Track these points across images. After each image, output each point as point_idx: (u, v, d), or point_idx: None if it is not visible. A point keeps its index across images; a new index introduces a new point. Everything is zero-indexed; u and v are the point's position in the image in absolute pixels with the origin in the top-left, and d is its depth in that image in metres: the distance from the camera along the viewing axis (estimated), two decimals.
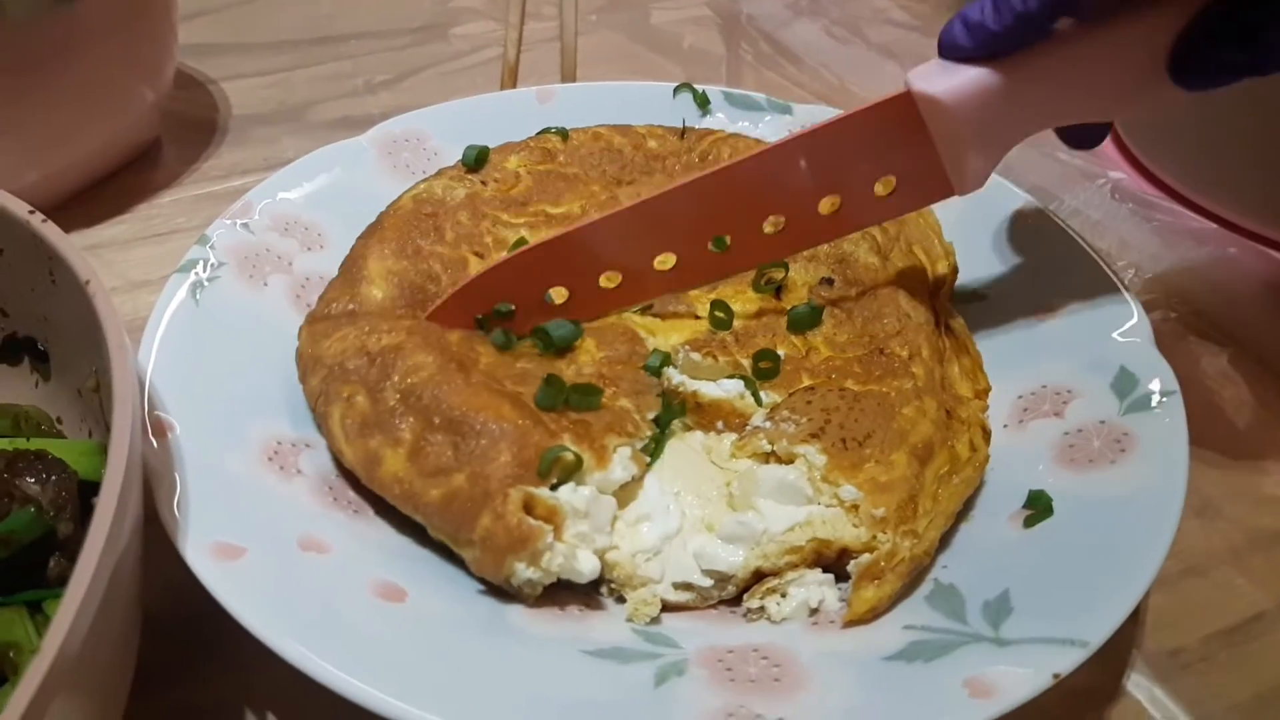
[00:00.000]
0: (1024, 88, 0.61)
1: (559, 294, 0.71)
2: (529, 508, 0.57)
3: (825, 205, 0.69)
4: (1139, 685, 0.63)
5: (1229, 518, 0.73)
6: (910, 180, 0.67)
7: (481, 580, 0.59)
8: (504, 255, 0.72)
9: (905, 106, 0.63)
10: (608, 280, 0.71)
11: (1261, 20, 0.55)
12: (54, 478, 0.59)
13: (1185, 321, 0.87)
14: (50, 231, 0.58)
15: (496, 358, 0.66)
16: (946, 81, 0.61)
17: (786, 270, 0.73)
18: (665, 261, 0.70)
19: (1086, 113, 0.66)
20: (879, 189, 0.68)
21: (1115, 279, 0.73)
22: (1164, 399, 0.65)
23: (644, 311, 0.72)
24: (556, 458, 0.58)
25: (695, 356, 0.67)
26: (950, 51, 0.61)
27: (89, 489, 0.62)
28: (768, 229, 0.69)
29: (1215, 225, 0.95)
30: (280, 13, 1.27)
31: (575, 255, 0.69)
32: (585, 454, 0.59)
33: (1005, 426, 0.68)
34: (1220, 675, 0.64)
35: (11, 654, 0.53)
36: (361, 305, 0.69)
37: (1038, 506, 0.61)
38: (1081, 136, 0.69)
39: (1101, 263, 0.75)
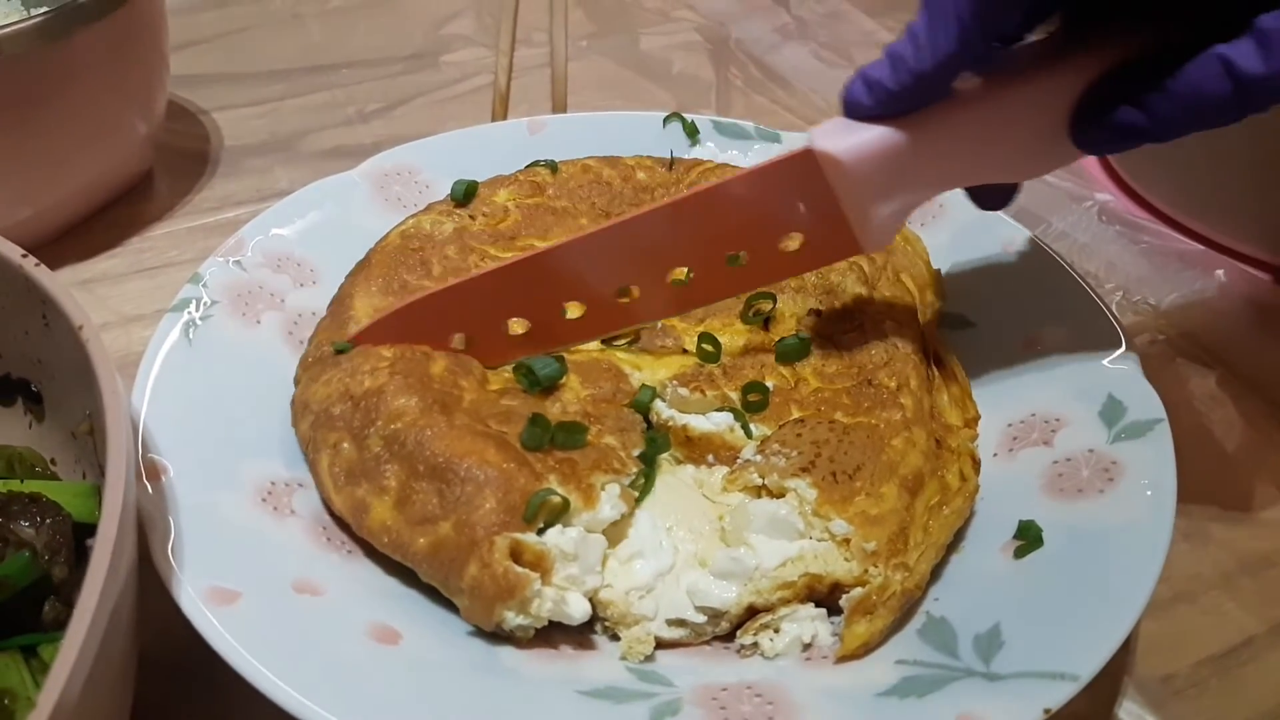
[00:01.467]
0: (926, 147, 0.60)
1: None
2: (516, 554, 0.57)
3: (730, 260, 0.68)
4: (1130, 713, 0.63)
5: (1218, 541, 0.74)
6: (817, 236, 0.66)
7: None
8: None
9: (808, 164, 0.62)
10: (517, 325, 0.70)
11: (1155, 88, 0.55)
12: (49, 521, 0.59)
13: (1173, 344, 0.88)
14: (43, 275, 0.58)
15: (480, 394, 0.67)
16: (847, 140, 0.60)
17: (774, 302, 0.74)
18: (573, 309, 0.70)
19: (991, 173, 0.65)
20: (787, 244, 0.67)
21: (1103, 306, 0.74)
22: (1151, 428, 0.65)
23: (630, 346, 0.73)
24: (543, 501, 0.58)
25: (683, 391, 0.67)
26: (852, 110, 0.61)
27: (83, 531, 0.62)
28: (672, 279, 0.69)
29: (1202, 247, 0.96)
30: (271, 42, 1.28)
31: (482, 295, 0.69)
32: (572, 494, 0.59)
33: (995, 455, 0.68)
34: (1212, 701, 0.64)
35: (6, 700, 0.53)
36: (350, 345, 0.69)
37: (1027, 537, 0.61)
38: (989, 197, 0.69)
39: (1089, 289, 0.75)
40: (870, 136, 0.60)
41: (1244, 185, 0.92)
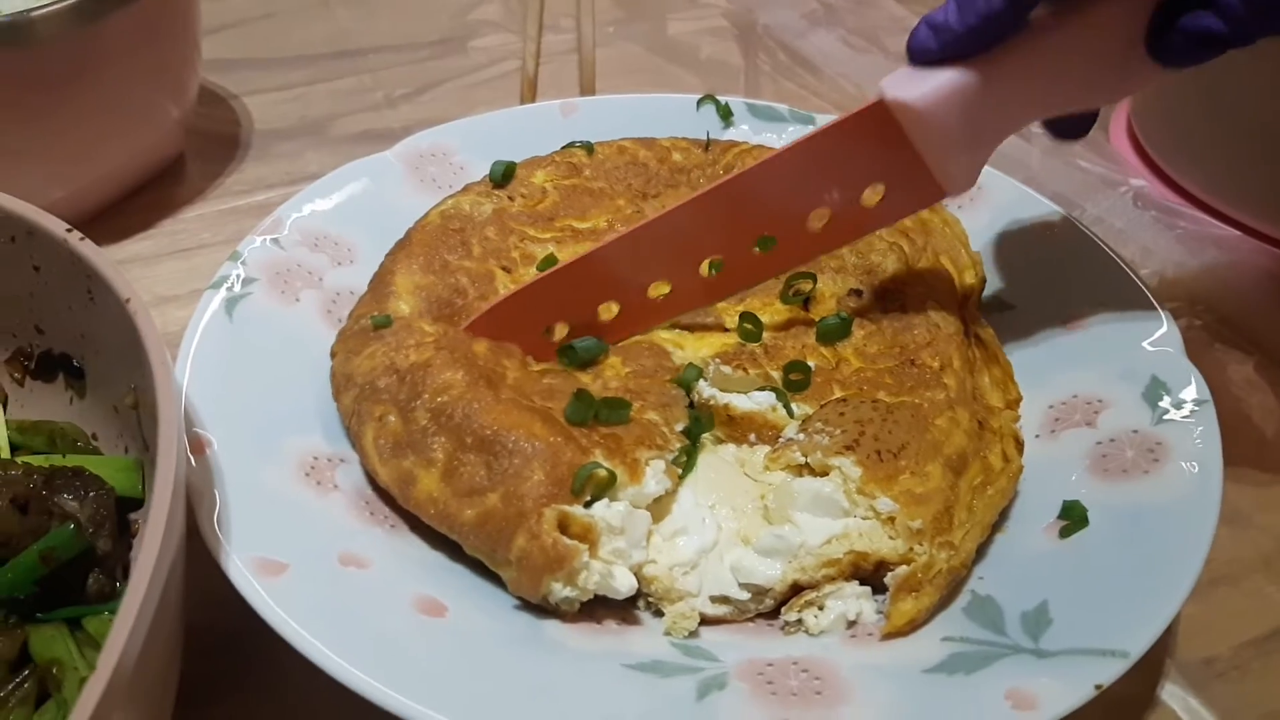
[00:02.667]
0: (999, 85, 0.61)
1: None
2: (564, 526, 0.57)
3: (815, 220, 0.69)
4: (1173, 695, 0.63)
5: (1259, 526, 0.73)
6: (898, 187, 0.66)
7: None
8: (535, 274, 0.73)
9: (881, 115, 0.62)
10: (606, 311, 0.71)
11: None
12: (92, 494, 0.59)
13: (1210, 329, 0.87)
14: (88, 250, 0.58)
15: (523, 372, 0.67)
16: (918, 87, 0.61)
17: (815, 282, 0.73)
18: (659, 289, 0.71)
19: (1067, 103, 0.65)
20: (868, 198, 0.67)
21: (1143, 288, 0.73)
22: (1196, 408, 0.65)
23: (671, 325, 0.72)
24: (590, 474, 0.58)
25: (726, 369, 0.67)
26: (919, 57, 0.61)
27: (126, 505, 0.62)
28: (757, 249, 0.69)
29: (1239, 232, 0.95)
30: (299, 27, 1.28)
31: (591, 278, 0.70)
32: (618, 469, 0.59)
33: (1037, 436, 0.68)
34: (1254, 684, 0.64)
35: (54, 670, 0.54)
36: (391, 315, 0.69)
37: (1073, 517, 0.61)
38: (1067, 127, 0.68)
39: (1129, 271, 0.75)
40: (942, 80, 0.60)
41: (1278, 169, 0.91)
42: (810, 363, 0.68)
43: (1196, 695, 0.63)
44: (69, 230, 0.59)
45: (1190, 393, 0.66)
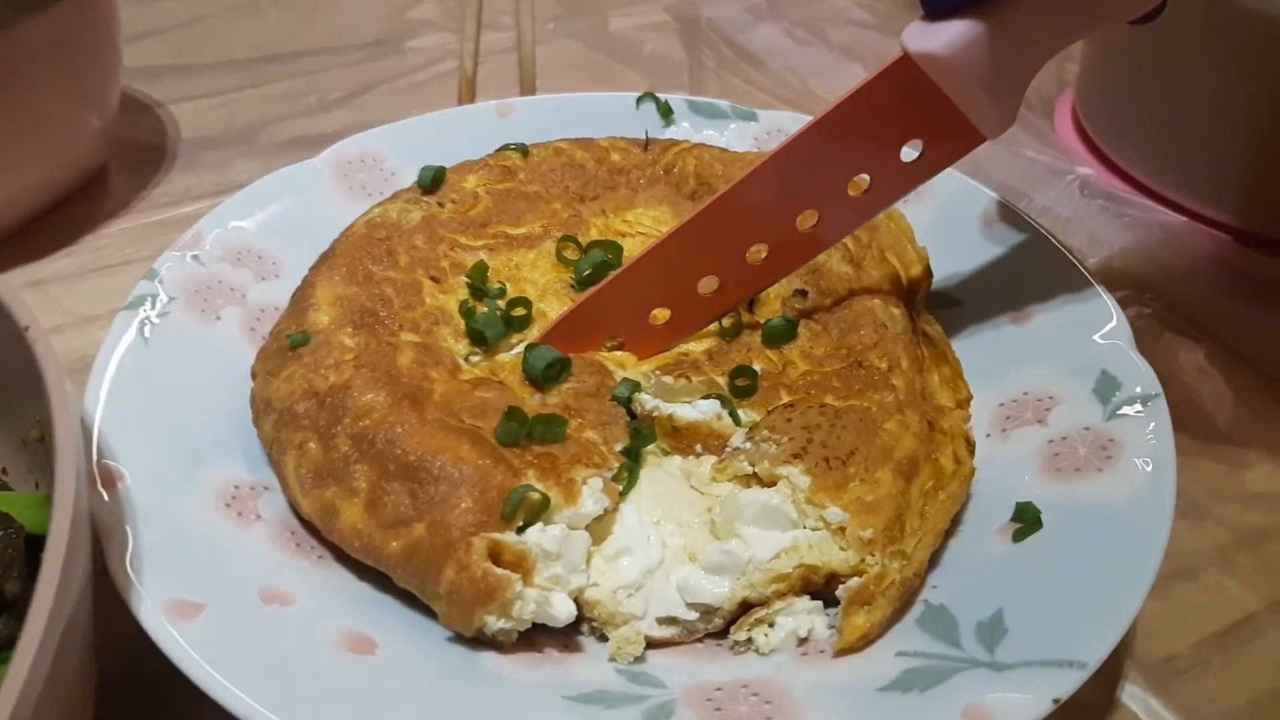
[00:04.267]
0: (1018, 20, 0.60)
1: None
2: (495, 555, 0.54)
3: (854, 188, 0.67)
4: (1134, 696, 0.62)
5: (1215, 517, 0.72)
6: (937, 139, 0.65)
7: None
8: (465, 283, 0.71)
9: (907, 70, 0.62)
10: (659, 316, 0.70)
11: None
12: (0, 534, 0.56)
13: (1160, 318, 0.86)
14: None
15: (452, 385, 0.64)
16: (941, 37, 0.60)
17: None
18: (709, 284, 0.69)
19: (1092, 21, 0.64)
20: (907, 155, 0.66)
21: (1091, 280, 0.72)
22: (1148, 403, 0.63)
23: (613, 349, 0.70)
24: (522, 499, 0.55)
25: (667, 379, 0.64)
26: (934, 7, 0.60)
27: (38, 543, 0.59)
28: (802, 226, 0.68)
29: (1186, 219, 0.95)
30: (227, 31, 1.24)
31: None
32: (552, 490, 0.57)
33: (988, 436, 0.66)
34: (1214, 681, 0.63)
35: None
36: (308, 331, 0.66)
37: (1026, 519, 0.59)
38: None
39: (1077, 263, 0.73)
40: (963, 28, 0.59)
41: (1224, 157, 0.91)
42: (756, 367, 0.66)
43: (1157, 696, 0.62)
44: None
45: (1141, 387, 0.65)
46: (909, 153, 0.66)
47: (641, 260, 0.69)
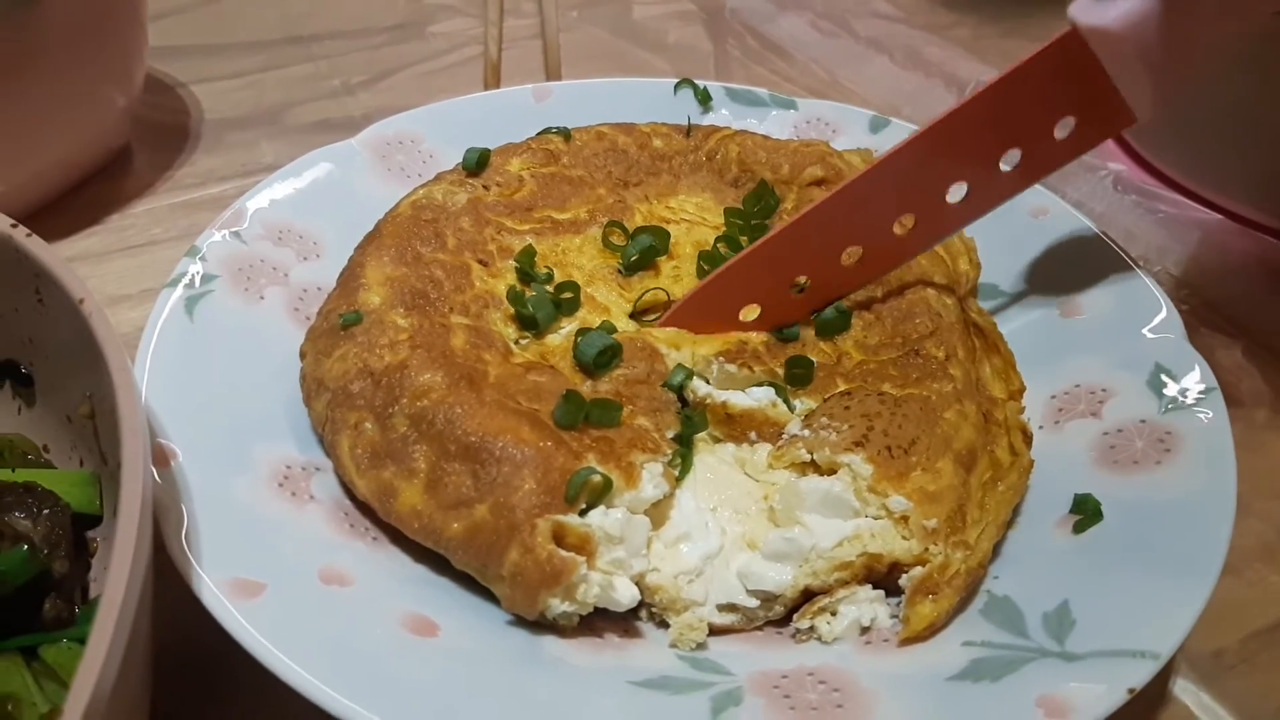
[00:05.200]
0: (1195, 2, 0.60)
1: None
2: (559, 537, 0.54)
3: (1006, 162, 0.67)
4: (1185, 690, 0.61)
5: (1257, 514, 0.72)
6: (1089, 118, 0.65)
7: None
8: (513, 266, 0.70)
9: (1073, 45, 0.62)
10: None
11: None
12: (46, 512, 0.55)
13: (1197, 314, 0.86)
14: (36, 246, 0.54)
15: (505, 368, 0.63)
16: (1112, 11, 0.60)
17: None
18: (852, 255, 0.69)
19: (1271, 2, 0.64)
20: (1058, 133, 0.66)
21: (1141, 272, 0.72)
22: (1203, 395, 0.63)
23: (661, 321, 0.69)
24: (585, 481, 0.54)
25: (730, 368, 0.64)
26: None
27: (82, 522, 0.58)
28: (950, 199, 0.68)
29: (1220, 216, 0.94)
30: (250, 11, 1.22)
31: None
32: (613, 474, 0.56)
33: (1040, 428, 0.66)
34: (1263, 676, 0.63)
35: (9, 706, 0.49)
36: (360, 311, 0.65)
37: (1086, 511, 0.59)
38: None
39: (1125, 256, 0.73)
40: (1136, 3, 0.59)
41: (1256, 155, 0.91)
42: (812, 358, 0.65)
43: (1208, 689, 0.61)
44: (14, 226, 0.54)
45: (1195, 379, 0.64)
46: (1062, 130, 0.66)
47: (789, 227, 0.68)
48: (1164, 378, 0.65)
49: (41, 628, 0.52)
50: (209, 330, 0.64)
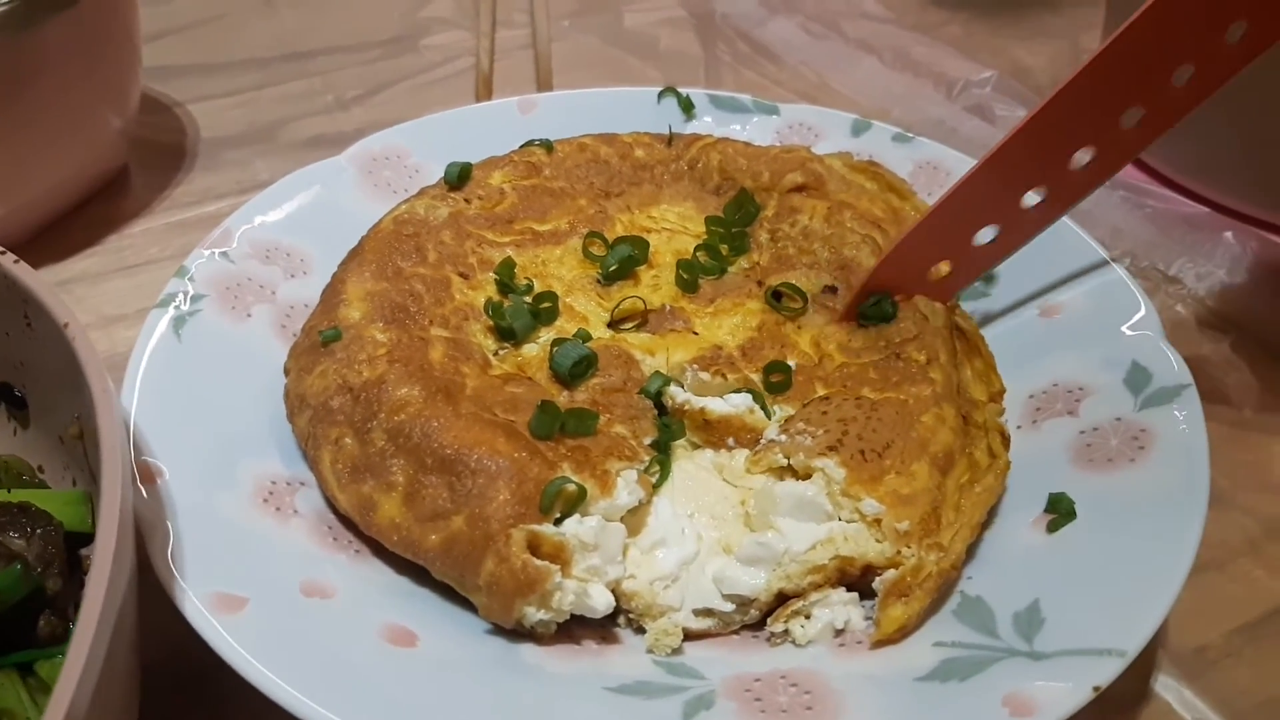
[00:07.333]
0: None
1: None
2: (534, 546, 0.55)
3: (1177, 78, 0.65)
4: (1167, 686, 0.62)
5: (1241, 507, 0.72)
6: (1260, 19, 0.62)
7: None
8: (493, 279, 0.71)
9: None
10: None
11: None
12: (39, 531, 0.56)
13: (1185, 308, 0.86)
14: (24, 273, 0.55)
15: (483, 380, 0.64)
16: None
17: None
18: (1038, 193, 0.69)
19: None
20: (1230, 36, 0.63)
21: (1119, 271, 0.72)
22: (1179, 393, 0.63)
23: (638, 329, 0.70)
24: (559, 490, 0.55)
25: (704, 375, 0.65)
26: None
27: (76, 540, 0.59)
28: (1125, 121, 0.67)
29: (1208, 209, 0.94)
30: (244, 30, 1.24)
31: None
32: (588, 482, 0.57)
33: (1018, 427, 0.66)
34: (1247, 671, 0.63)
35: None
36: (340, 327, 0.66)
37: (1059, 510, 0.59)
38: None
39: (1104, 254, 0.73)
40: None
41: (1245, 147, 0.90)
42: (791, 361, 0.66)
43: (1190, 686, 0.62)
44: (2, 253, 0.56)
45: (1172, 377, 0.64)
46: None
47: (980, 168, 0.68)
48: (1141, 376, 0.65)
49: (36, 644, 0.53)
50: (197, 350, 0.66)
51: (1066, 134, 0.68)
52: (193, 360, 0.65)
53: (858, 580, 0.58)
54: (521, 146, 0.83)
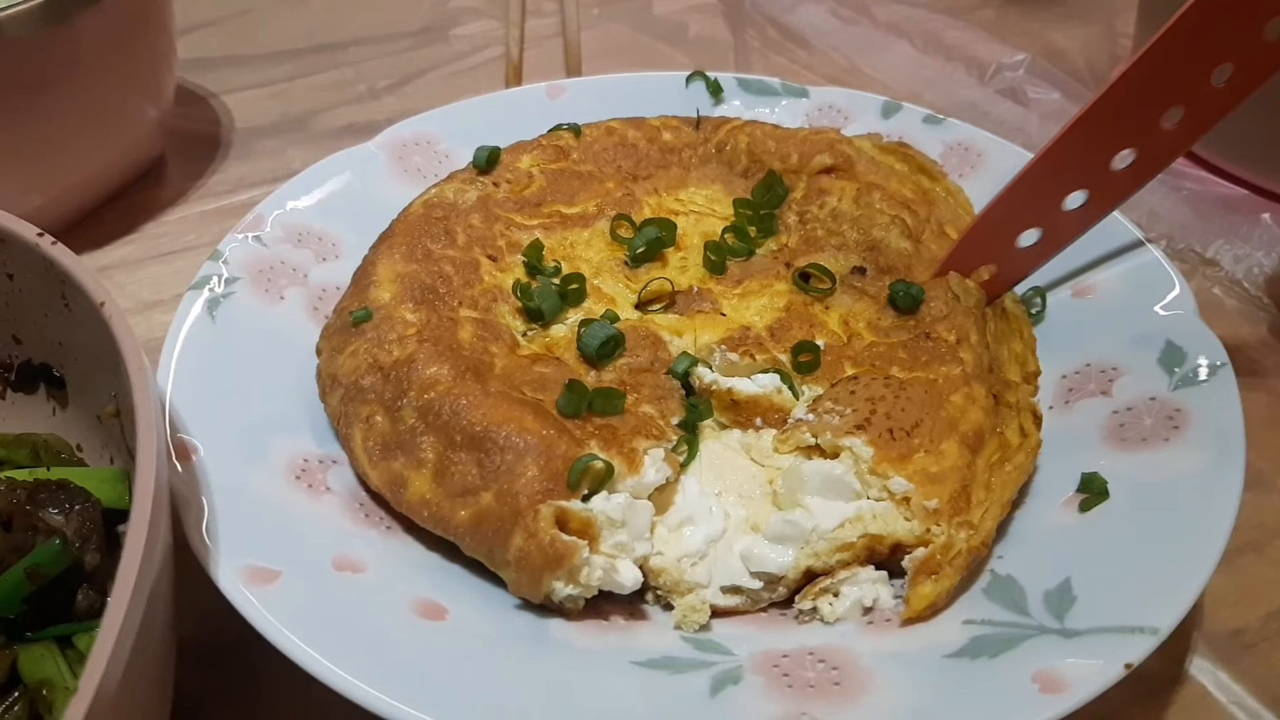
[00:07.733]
0: None
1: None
2: (562, 523, 0.55)
3: (1217, 77, 0.65)
4: (1202, 669, 0.61)
5: None
6: None
7: None
8: (521, 261, 0.71)
9: None
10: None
11: None
12: (77, 507, 0.57)
13: (1223, 290, 0.85)
14: (61, 254, 0.56)
15: (511, 359, 0.64)
16: None
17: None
18: (1124, 158, 0.68)
19: None
20: (1269, 34, 0.63)
21: (1154, 250, 0.71)
22: (1214, 372, 0.62)
23: (666, 310, 0.70)
24: (586, 467, 0.56)
25: (733, 356, 0.65)
26: None
27: (114, 517, 0.60)
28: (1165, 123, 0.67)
29: (1246, 191, 0.93)
30: (277, 22, 1.25)
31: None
32: (615, 460, 0.57)
33: (1051, 408, 0.66)
34: None
35: (45, 692, 0.52)
36: (370, 308, 0.67)
37: (1092, 490, 0.59)
38: None
39: (1138, 234, 0.72)
40: None
41: None
42: (820, 341, 0.66)
43: (1226, 669, 0.61)
44: (40, 235, 0.57)
45: (1207, 356, 0.64)
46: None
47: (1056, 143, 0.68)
48: (1175, 355, 0.64)
49: (75, 617, 0.54)
50: (231, 331, 0.66)
51: (1108, 136, 0.67)
52: (227, 341, 0.66)
53: (887, 559, 0.58)
54: (550, 131, 0.84)
